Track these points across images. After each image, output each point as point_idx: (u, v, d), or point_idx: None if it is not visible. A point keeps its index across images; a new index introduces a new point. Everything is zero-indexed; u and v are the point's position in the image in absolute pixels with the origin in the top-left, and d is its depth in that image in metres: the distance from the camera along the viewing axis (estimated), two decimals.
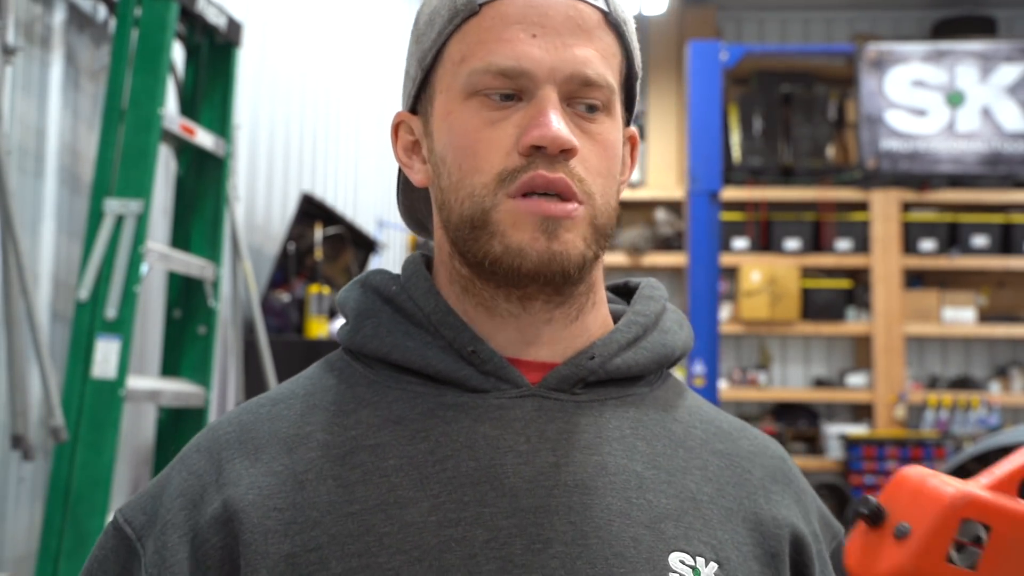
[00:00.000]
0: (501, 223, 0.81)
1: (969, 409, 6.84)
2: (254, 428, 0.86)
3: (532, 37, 0.81)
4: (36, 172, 2.48)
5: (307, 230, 3.99)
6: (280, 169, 4.07)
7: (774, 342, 7.56)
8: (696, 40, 5.89)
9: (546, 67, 0.80)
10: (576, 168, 0.81)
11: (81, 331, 2.44)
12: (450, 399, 0.83)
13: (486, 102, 0.82)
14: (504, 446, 0.81)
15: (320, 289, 3.88)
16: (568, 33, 0.81)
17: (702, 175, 5.35)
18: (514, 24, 0.81)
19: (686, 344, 0.92)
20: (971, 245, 6.99)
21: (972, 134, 6.97)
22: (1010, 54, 7.02)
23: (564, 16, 0.82)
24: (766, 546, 0.82)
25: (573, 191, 0.80)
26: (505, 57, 0.81)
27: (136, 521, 0.84)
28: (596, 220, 0.82)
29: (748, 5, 7.87)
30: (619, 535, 0.77)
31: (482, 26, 0.82)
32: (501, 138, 0.81)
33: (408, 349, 0.85)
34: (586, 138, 0.82)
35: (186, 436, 2.90)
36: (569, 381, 0.85)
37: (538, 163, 0.80)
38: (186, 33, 2.95)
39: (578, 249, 0.81)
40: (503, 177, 0.81)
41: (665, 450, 0.84)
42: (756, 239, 7.17)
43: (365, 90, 5.13)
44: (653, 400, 0.88)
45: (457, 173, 0.83)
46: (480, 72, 0.81)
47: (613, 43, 0.85)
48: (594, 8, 0.84)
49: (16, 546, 2.39)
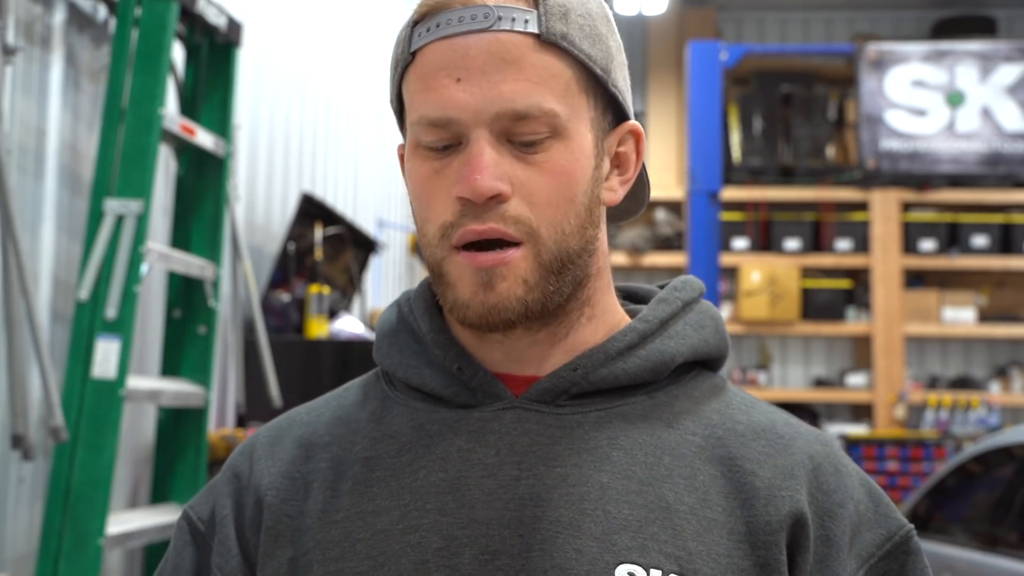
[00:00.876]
0: (450, 274, 0.83)
1: (969, 409, 6.84)
2: (286, 432, 0.92)
3: (456, 82, 0.80)
4: (36, 172, 2.48)
5: (307, 230, 3.99)
6: (280, 169, 4.07)
7: (774, 342, 7.56)
8: (696, 40, 5.89)
9: (471, 111, 0.79)
10: (512, 210, 0.80)
11: (81, 331, 2.44)
12: (440, 415, 0.86)
13: (427, 153, 0.82)
14: (474, 459, 0.82)
15: (320, 289, 3.88)
16: (494, 70, 0.79)
17: (702, 175, 5.36)
18: (439, 71, 0.80)
19: (699, 347, 0.89)
20: (971, 245, 6.99)
21: (972, 134, 6.97)
22: (1010, 54, 7.01)
23: (487, 53, 0.79)
24: (755, 557, 0.79)
25: (510, 236, 0.80)
26: (432, 107, 0.81)
27: (204, 516, 0.91)
28: (542, 257, 0.81)
29: (748, 5, 7.87)
30: (563, 547, 0.77)
31: (416, 74, 0.83)
32: (443, 187, 0.81)
33: (409, 367, 0.89)
34: (532, 170, 0.80)
35: (186, 436, 2.90)
36: (551, 393, 0.85)
37: (468, 215, 0.80)
38: (186, 33, 2.95)
39: (515, 295, 0.81)
40: (444, 230, 0.82)
41: (646, 458, 0.82)
42: (756, 239, 7.17)
43: (365, 90, 5.13)
44: (651, 408, 0.85)
45: (419, 221, 0.85)
46: (416, 124, 0.82)
47: (553, 62, 0.81)
48: (522, 35, 0.80)
49: (16, 546, 2.39)
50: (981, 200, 7.01)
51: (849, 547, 0.82)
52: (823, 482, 0.84)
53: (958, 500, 4.39)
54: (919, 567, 0.84)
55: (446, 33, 0.81)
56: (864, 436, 6.58)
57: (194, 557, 0.90)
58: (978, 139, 6.97)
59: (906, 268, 7.02)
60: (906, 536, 0.84)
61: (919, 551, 0.85)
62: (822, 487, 0.83)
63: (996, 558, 3.72)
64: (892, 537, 0.84)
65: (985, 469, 4.28)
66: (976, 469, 4.33)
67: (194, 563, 0.90)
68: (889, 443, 6.42)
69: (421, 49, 0.82)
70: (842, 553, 0.82)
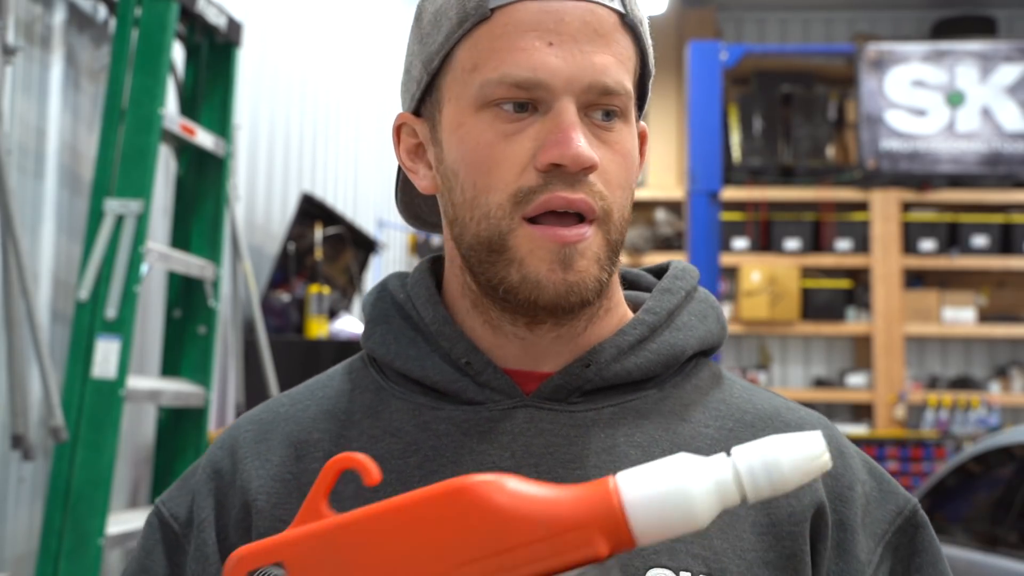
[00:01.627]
0: (519, 249, 0.77)
1: (969, 409, 6.84)
2: (271, 428, 0.87)
3: (548, 45, 0.76)
4: (36, 172, 2.48)
5: (307, 230, 4.00)
6: (280, 169, 4.07)
7: (774, 342, 7.56)
8: (696, 40, 5.89)
9: (564, 77, 0.76)
10: (596, 184, 0.77)
11: (81, 331, 2.44)
12: (446, 412, 0.82)
13: (500, 114, 0.77)
14: (488, 462, 0.79)
15: (320, 289, 3.88)
16: (585, 39, 0.77)
17: (702, 175, 5.36)
18: (529, 31, 0.76)
19: (705, 338, 0.88)
20: (971, 245, 6.99)
21: (972, 134, 6.98)
22: (1010, 54, 7.01)
23: (581, 21, 0.77)
24: (780, 548, 0.78)
25: (594, 211, 0.77)
26: (520, 68, 0.76)
27: (180, 516, 0.86)
28: (610, 236, 0.79)
29: (748, 5, 7.87)
30: None
31: (494, 33, 0.77)
32: (517, 153, 0.77)
33: (410, 358, 0.85)
34: (605, 148, 0.78)
35: (186, 436, 2.90)
36: (564, 391, 0.82)
37: (557, 182, 0.76)
38: (186, 33, 2.95)
39: (592, 275, 0.78)
40: (519, 197, 0.77)
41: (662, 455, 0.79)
42: (756, 239, 7.17)
43: (365, 90, 5.14)
44: (663, 401, 0.84)
45: (471, 190, 0.79)
46: (494, 83, 0.77)
47: (630, 45, 0.81)
48: (611, 10, 0.79)
49: (16, 546, 2.39)
50: (981, 200, 7.01)
51: (862, 527, 0.82)
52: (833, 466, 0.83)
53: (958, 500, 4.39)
54: (929, 537, 0.84)
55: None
56: (864, 436, 6.58)
57: (165, 559, 0.85)
58: (978, 139, 6.97)
59: (906, 268, 7.02)
60: (914, 509, 0.85)
61: (927, 523, 0.85)
62: (832, 472, 0.82)
63: (996, 558, 3.72)
64: (902, 512, 0.84)
65: (985, 469, 4.29)
66: (976, 469, 4.33)
67: (165, 566, 0.85)
68: (889, 443, 6.42)
69: (504, 7, 0.77)
70: (857, 535, 0.81)
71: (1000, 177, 6.97)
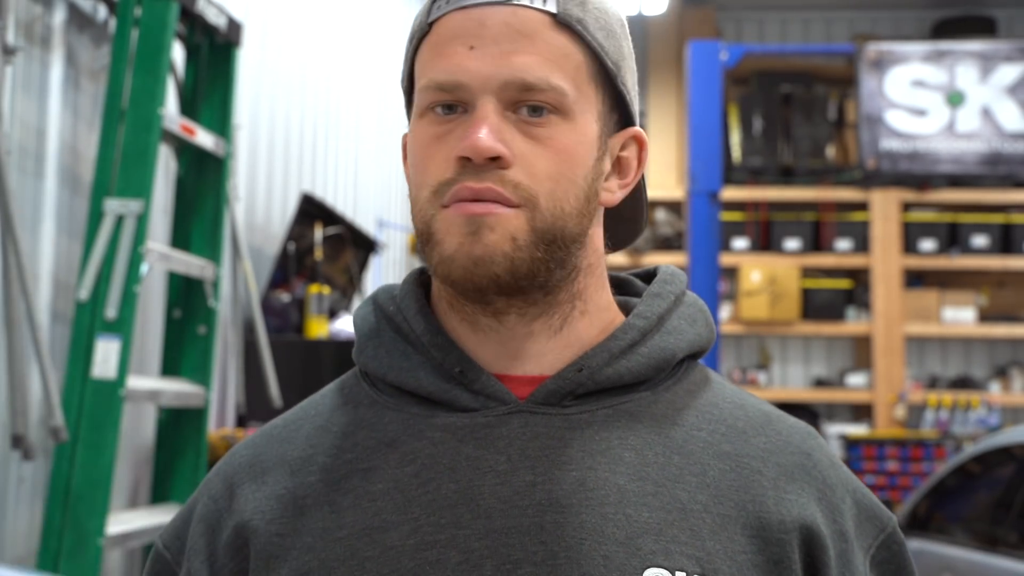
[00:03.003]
0: (438, 231, 0.82)
1: (969, 409, 6.84)
2: (265, 451, 0.88)
3: (469, 49, 0.81)
4: (36, 172, 2.48)
5: (307, 230, 4.00)
6: (280, 169, 4.07)
7: (774, 342, 7.56)
8: (696, 40, 5.89)
9: (481, 77, 0.80)
10: (512, 175, 0.80)
11: (81, 331, 2.44)
12: (440, 420, 0.84)
13: (433, 118, 0.83)
14: (484, 466, 0.80)
15: (320, 289, 3.88)
16: (506, 40, 0.81)
17: (702, 175, 5.35)
18: (454, 39, 0.82)
19: (695, 341, 0.89)
20: (971, 245, 6.99)
21: (972, 134, 6.98)
22: (1010, 54, 7.01)
23: (502, 24, 0.81)
24: (768, 553, 0.80)
25: (506, 199, 0.80)
26: (442, 72, 0.81)
27: (173, 546, 0.88)
28: (536, 223, 0.81)
29: (748, 5, 7.87)
30: (589, 554, 0.77)
31: (431, 44, 0.84)
32: (444, 151, 0.81)
33: (403, 370, 0.86)
34: (532, 143, 0.81)
35: (186, 436, 2.90)
36: (557, 395, 0.83)
37: (467, 174, 0.80)
38: (186, 33, 2.95)
39: (502, 250, 0.80)
40: (438, 189, 0.81)
41: (657, 459, 0.82)
42: (756, 239, 7.17)
43: (365, 90, 5.14)
44: (655, 404, 0.85)
45: (414, 189, 0.85)
46: (425, 89, 0.83)
47: (566, 43, 0.82)
48: (539, 11, 0.82)
49: (16, 546, 2.39)
50: (981, 200, 7.01)
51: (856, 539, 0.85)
52: (826, 478, 0.85)
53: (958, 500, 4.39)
54: (908, 556, 0.88)
55: (465, 4, 0.82)
56: (864, 436, 6.58)
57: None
58: (978, 139, 6.97)
59: (906, 268, 7.02)
60: (894, 526, 0.88)
61: (903, 540, 0.89)
62: (827, 483, 0.85)
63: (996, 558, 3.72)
64: (885, 528, 0.87)
65: (985, 469, 4.28)
66: (976, 469, 4.33)
67: None
68: (889, 443, 6.42)
69: (439, 20, 0.83)
70: (854, 545, 0.84)
71: (1000, 177, 6.97)
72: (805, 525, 0.81)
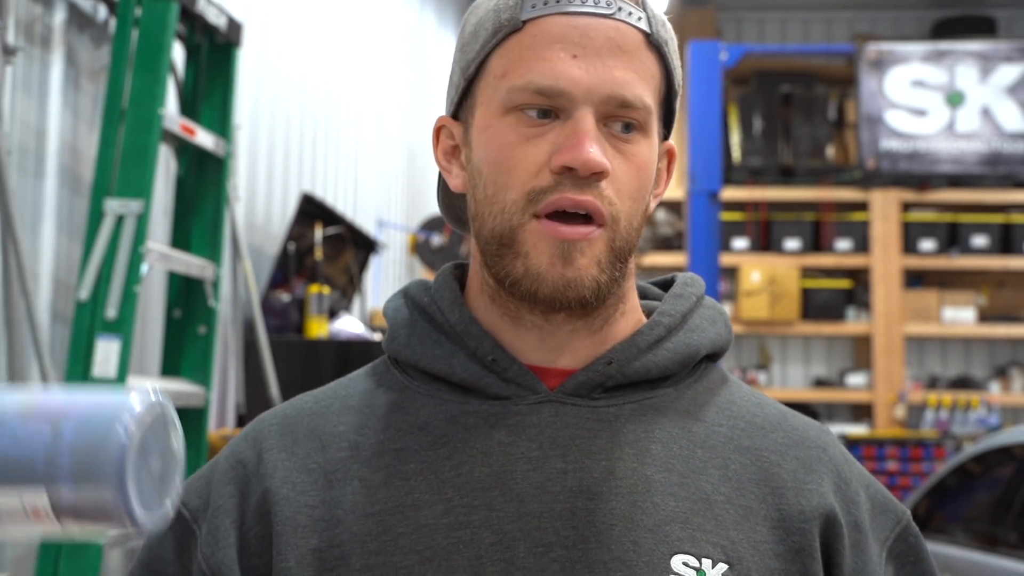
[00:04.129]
0: (525, 243, 0.82)
1: (969, 409, 6.84)
2: (296, 423, 0.90)
3: (572, 57, 0.82)
4: (36, 172, 2.48)
5: (307, 230, 4.00)
6: (280, 169, 4.07)
7: (774, 342, 7.57)
8: (696, 40, 5.89)
9: (584, 87, 0.81)
10: (606, 191, 0.82)
11: (81, 331, 2.44)
12: (472, 406, 0.86)
13: (523, 118, 0.83)
14: (517, 452, 0.83)
15: (320, 289, 3.88)
16: (608, 54, 0.82)
17: (702, 175, 5.36)
18: (555, 43, 0.82)
19: (716, 340, 0.92)
20: (971, 245, 6.99)
21: (972, 134, 6.98)
22: (1010, 54, 7.02)
23: (605, 37, 0.82)
24: (790, 542, 0.82)
25: (601, 213, 0.81)
26: (544, 76, 0.81)
27: (192, 503, 0.88)
28: (615, 243, 0.83)
29: (748, 5, 7.87)
30: (619, 539, 0.79)
31: (524, 43, 0.83)
32: (535, 155, 0.82)
33: (435, 357, 0.88)
34: (620, 159, 0.83)
35: (186, 436, 2.89)
36: (587, 387, 0.86)
37: (567, 184, 0.81)
38: (186, 33, 2.95)
39: (591, 275, 0.82)
40: (532, 196, 0.82)
41: (682, 452, 0.84)
42: (756, 239, 7.17)
43: (365, 90, 5.13)
44: (678, 400, 0.88)
45: (492, 187, 0.84)
46: (519, 89, 0.82)
47: (653, 64, 0.86)
48: (636, 29, 0.84)
49: (16, 546, 2.39)
50: (981, 200, 7.01)
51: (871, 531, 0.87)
52: (841, 471, 0.88)
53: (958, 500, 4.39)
54: (924, 547, 0.90)
55: (567, 10, 0.83)
56: (864, 436, 6.58)
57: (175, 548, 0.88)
58: (978, 139, 6.97)
59: (906, 268, 7.02)
60: (909, 519, 0.90)
61: (919, 533, 0.91)
62: (842, 476, 0.87)
63: (996, 558, 3.72)
64: (900, 521, 0.89)
65: (985, 469, 4.28)
66: (976, 469, 4.33)
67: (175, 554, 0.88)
68: (889, 443, 6.42)
69: (535, 20, 0.83)
70: (869, 537, 0.86)
71: (1000, 177, 6.97)
72: (824, 513, 0.84)
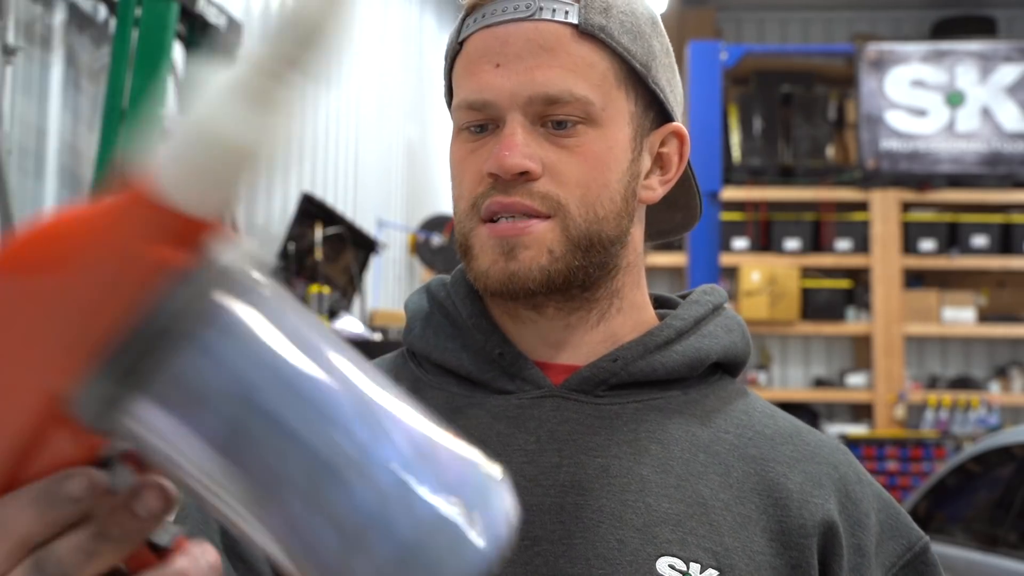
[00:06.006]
0: (475, 247, 0.86)
1: (969, 409, 6.84)
2: None
3: (495, 67, 0.84)
4: (36, 172, 2.48)
5: (307, 230, 4.00)
6: (280, 169, 4.07)
7: (774, 342, 7.57)
8: (696, 40, 5.89)
9: (506, 94, 0.83)
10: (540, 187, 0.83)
11: None
12: (478, 399, 0.88)
13: (467, 135, 0.87)
14: (514, 445, 0.84)
15: (320, 289, 3.88)
16: (529, 56, 0.84)
17: (702, 175, 5.35)
18: (481, 57, 0.85)
19: (729, 348, 0.91)
20: (971, 245, 6.99)
21: (972, 134, 6.98)
22: (1010, 54, 7.02)
23: (524, 40, 0.84)
24: (787, 556, 0.81)
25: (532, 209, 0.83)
26: (471, 91, 0.85)
27: None
28: (570, 230, 0.84)
29: (748, 5, 7.87)
30: (605, 537, 0.79)
31: (461, 63, 0.88)
32: (476, 165, 0.85)
33: (447, 351, 0.90)
34: (563, 152, 0.84)
35: None
36: (591, 383, 0.86)
37: (497, 189, 0.83)
38: (186, 33, 2.95)
39: (538, 264, 0.83)
40: (474, 203, 0.85)
41: (682, 454, 0.84)
42: (756, 239, 7.17)
43: (365, 90, 5.13)
44: (685, 403, 0.88)
45: (454, 200, 0.89)
46: (457, 108, 0.87)
47: (590, 53, 0.85)
48: (561, 24, 0.84)
49: None
50: (981, 200, 7.01)
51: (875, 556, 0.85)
52: (850, 491, 0.86)
53: (958, 500, 4.39)
54: None
55: (490, 22, 0.86)
56: (864, 436, 6.58)
57: None
58: (978, 139, 6.97)
59: (906, 268, 7.02)
60: (924, 547, 0.87)
61: (936, 563, 0.87)
62: (850, 496, 0.86)
63: (996, 558, 3.72)
64: (912, 548, 0.87)
65: (985, 469, 4.29)
66: (976, 469, 4.33)
67: None
68: (889, 443, 6.42)
69: (468, 38, 0.87)
70: (872, 562, 0.84)
71: (1000, 177, 6.97)
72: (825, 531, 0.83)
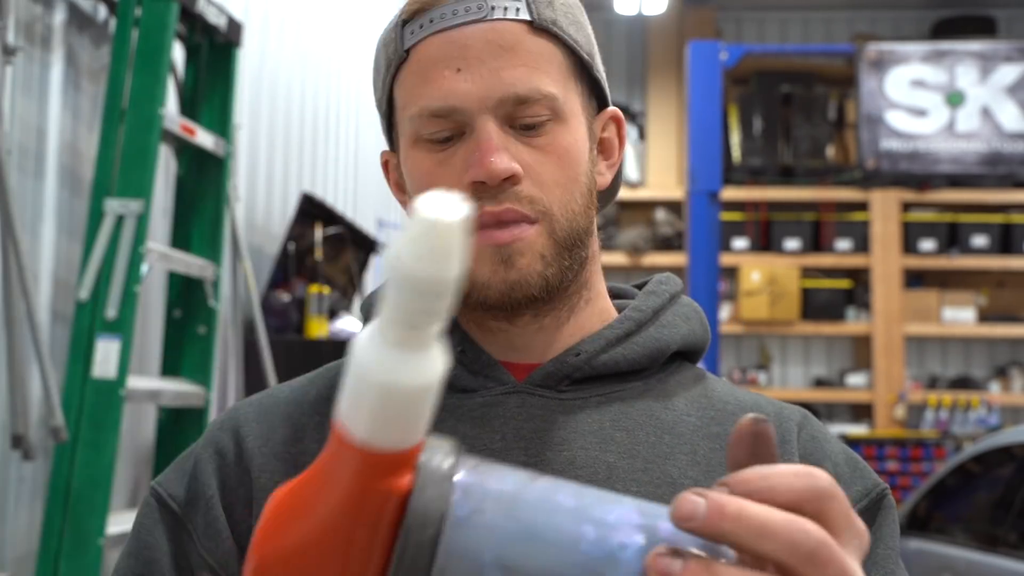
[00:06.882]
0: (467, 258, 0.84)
1: (969, 409, 6.84)
2: (272, 409, 0.90)
3: (456, 72, 0.81)
4: (36, 172, 2.48)
5: (307, 230, 3.99)
6: (280, 169, 4.07)
7: (774, 342, 7.56)
8: (696, 40, 5.89)
9: (475, 98, 0.81)
10: (525, 190, 0.82)
11: (81, 331, 2.44)
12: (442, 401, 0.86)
13: (430, 145, 0.83)
14: (480, 444, 0.83)
15: (320, 289, 3.88)
16: (491, 57, 0.81)
17: (702, 175, 5.35)
18: (438, 63, 0.82)
19: (688, 337, 0.91)
20: (971, 245, 6.99)
21: (972, 134, 6.98)
22: (1010, 54, 7.02)
23: (484, 41, 0.82)
24: None
25: (526, 216, 0.81)
26: (433, 99, 0.82)
27: (180, 497, 0.87)
28: (556, 234, 0.83)
29: (748, 5, 7.87)
30: None
31: (412, 71, 0.84)
32: (450, 175, 0.82)
33: None
34: (537, 152, 0.82)
35: (186, 436, 2.90)
36: (554, 378, 0.86)
37: (485, 198, 0.81)
38: (186, 33, 2.95)
39: (536, 271, 0.82)
40: None
41: (648, 438, 0.84)
42: (756, 239, 7.17)
43: (365, 90, 5.13)
44: (646, 393, 0.88)
45: None
46: (417, 117, 0.83)
47: (546, 47, 0.84)
48: (515, 22, 0.83)
49: (16, 546, 2.39)
50: (981, 200, 7.01)
51: None
52: (812, 446, 0.87)
53: (958, 500, 4.39)
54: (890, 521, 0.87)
55: (441, 27, 0.82)
56: (864, 436, 6.58)
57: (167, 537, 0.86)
58: (978, 139, 6.97)
59: (906, 268, 7.02)
60: (882, 493, 0.87)
61: (893, 508, 0.87)
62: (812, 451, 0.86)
63: (996, 558, 3.72)
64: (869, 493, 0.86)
65: (985, 469, 4.29)
66: (976, 469, 4.33)
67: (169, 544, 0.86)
68: (889, 443, 6.42)
69: (416, 46, 0.84)
70: None
71: (1000, 177, 6.97)
72: None
